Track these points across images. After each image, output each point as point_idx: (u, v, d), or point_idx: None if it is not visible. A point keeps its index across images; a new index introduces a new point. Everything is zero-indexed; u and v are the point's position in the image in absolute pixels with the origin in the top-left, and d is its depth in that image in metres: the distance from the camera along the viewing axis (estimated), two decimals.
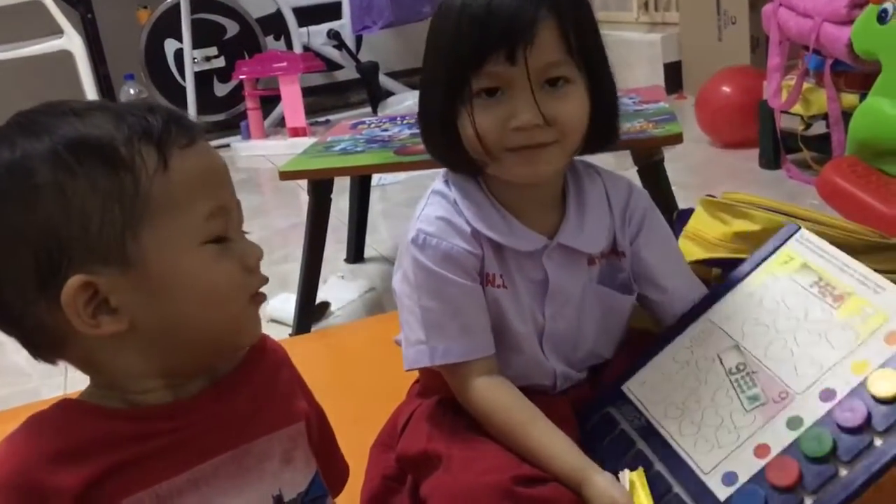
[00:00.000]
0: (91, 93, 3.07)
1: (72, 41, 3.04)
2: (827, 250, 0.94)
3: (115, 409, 0.64)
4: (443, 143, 0.91)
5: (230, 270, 0.65)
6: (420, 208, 0.94)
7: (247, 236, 0.69)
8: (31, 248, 0.60)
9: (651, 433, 0.88)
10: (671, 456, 0.85)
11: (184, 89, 3.62)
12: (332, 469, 0.80)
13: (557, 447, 0.86)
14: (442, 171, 0.98)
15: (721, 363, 0.89)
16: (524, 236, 0.92)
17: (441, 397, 0.95)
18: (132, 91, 3.54)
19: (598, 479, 0.82)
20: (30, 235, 0.60)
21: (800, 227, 1.00)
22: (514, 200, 0.92)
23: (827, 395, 0.81)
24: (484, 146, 0.87)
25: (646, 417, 0.90)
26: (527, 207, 0.92)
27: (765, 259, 0.98)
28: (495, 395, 0.90)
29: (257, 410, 0.70)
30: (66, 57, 3.05)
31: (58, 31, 3.04)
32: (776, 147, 2.44)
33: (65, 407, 0.65)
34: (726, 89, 2.69)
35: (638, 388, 0.94)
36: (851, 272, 0.90)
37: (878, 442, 0.75)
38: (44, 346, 0.64)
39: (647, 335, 1.05)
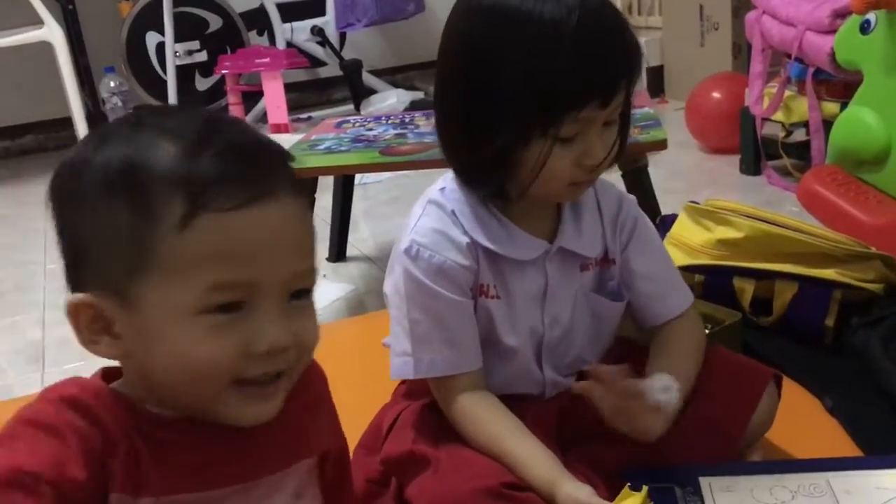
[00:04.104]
0: (71, 85, 3.03)
1: (52, 32, 3.00)
2: None
3: (143, 407, 0.63)
4: (491, 169, 0.87)
5: (222, 348, 0.58)
6: (415, 218, 0.92)
7: None
8: (66, 242, 0.62)
9: None
10: None
11: (165, 83, 3.58)
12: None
13: (530, 459, 0.86)
14: (439, 178, 0.96)
15: None
16: (525, 244, 0.92)
17: (428, 401, 0.95)
18: (112, 84, 3.50)
19: (565, 486, 0.82)
20: (68, 231, 0.61)
21: None
22: (514, 207, 0.92)
23: None
24: (553, 180, 0.85)
25: None
26: (526, 213, 0.92)
27: None
28: (476, 410, 0.90)
29: (282, 445, 0.67)
30: (46, 48, 3.01)
31: (38, 22, 3.00)
32: (757, 153, 2.46)
33: (100, 388, 0.63)
34: (716, 95, 2.70)
35: (719, 490, 0.90)
36: None
37: None
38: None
39: (631, 342, 1.06)
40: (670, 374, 0.91)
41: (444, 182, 0.94)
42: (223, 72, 3.51)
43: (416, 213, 0.92)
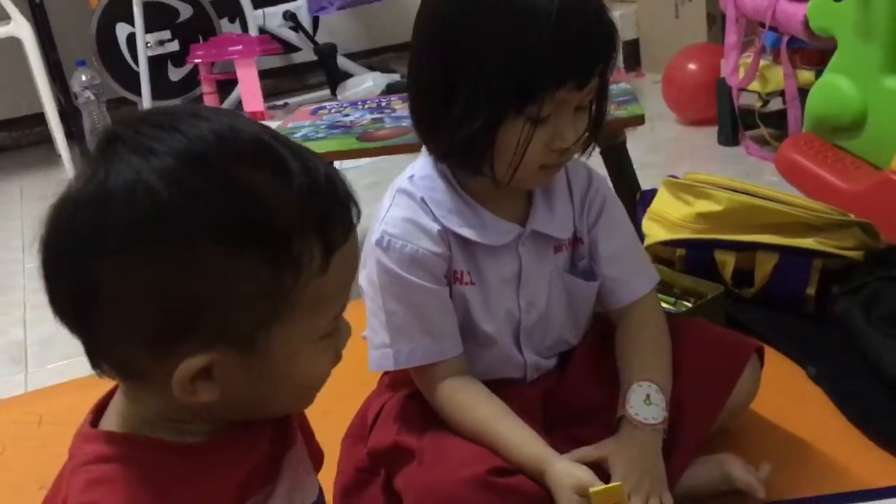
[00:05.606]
0: (42, 80, 2.99)
1: (20, 28, 2.96)
2: None
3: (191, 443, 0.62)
4: (468, 149, 0.86)
5: (329, 361, 0.63)
6: (385, 209, 0.91)
7: None
8: (163, 305, 0.54)
9: None
10: None
11: (137, 75, 3.54)
12: (313, 458, 0.79)
13: (519, 439, 0.86)
14: (408, 166, 0.95)
15: None
16: (497, 229, 0.91)
17: (411, 390, 0.95)
18: (84, 77, 3.46)
19: (559, 464, 0.83)
20: (170, 294, 0.54)
21: None
22: (485, 191, 0.91)
23: None
24: (522, 163, 0.85)
25: None
26: (496, 197, 0.91)
27: None
28: (460, 396, 0.90)
29: (286, 422, 0.70)
30: (15, 44, 2.97)
31: (5, 18, 2.96)
32: (734, 124, 2.46)
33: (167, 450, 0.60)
34: (692, 66, 2.70)
35: None
36: None
37: None
38: (118, 371, 0.59)
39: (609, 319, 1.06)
40: (649, 379, 0.92)
41: (412, 170, 0.93)
42: (196, 61, 3.48)
43: (386, 203, 0.92)
